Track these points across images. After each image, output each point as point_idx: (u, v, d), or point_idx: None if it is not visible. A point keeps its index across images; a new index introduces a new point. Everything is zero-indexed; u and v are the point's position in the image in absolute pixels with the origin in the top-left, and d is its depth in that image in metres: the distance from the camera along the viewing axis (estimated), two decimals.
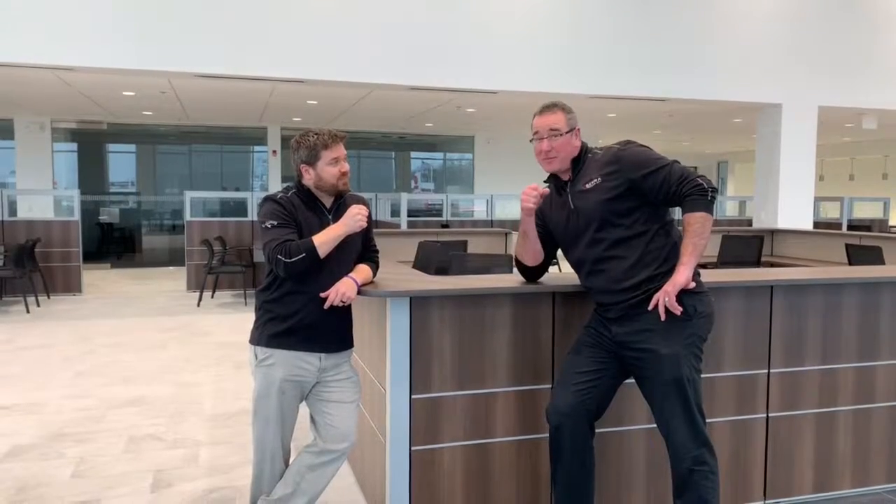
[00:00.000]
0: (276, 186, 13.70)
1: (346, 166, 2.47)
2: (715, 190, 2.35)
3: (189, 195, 10.32)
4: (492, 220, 12.90)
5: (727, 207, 15.99)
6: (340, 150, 2.47)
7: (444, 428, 2.68)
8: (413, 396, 2.63)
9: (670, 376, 2.35)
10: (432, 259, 5.67)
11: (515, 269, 2.79)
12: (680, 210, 2.38)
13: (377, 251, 2.70)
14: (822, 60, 9.06)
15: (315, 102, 10.78)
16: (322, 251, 2.36)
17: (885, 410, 3.23)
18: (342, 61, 7.48)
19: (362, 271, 2.55)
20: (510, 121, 13.18)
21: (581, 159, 2.50)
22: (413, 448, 2.65)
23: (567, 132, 2.46)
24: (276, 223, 2.39)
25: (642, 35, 8.41)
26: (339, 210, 2.51)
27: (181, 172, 15.88)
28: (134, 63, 6.94)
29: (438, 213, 13.43)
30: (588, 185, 2.44)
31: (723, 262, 7.37)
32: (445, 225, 11.80)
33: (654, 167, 2.37)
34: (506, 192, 13.62)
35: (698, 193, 2.32)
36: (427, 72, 7.80)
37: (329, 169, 2.45)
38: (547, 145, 2.46)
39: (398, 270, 3.18)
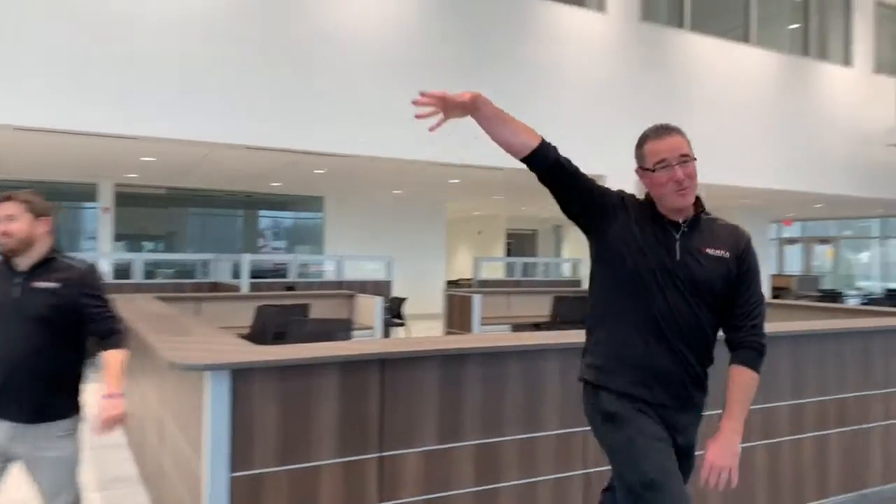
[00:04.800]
0: (107, 245, 12.75)
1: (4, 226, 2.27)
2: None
3: None
4: (341, 281, 12.80)
5: (563, 269, 17.01)
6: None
7: None
8: (233, 474, 2.50)
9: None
10: (270, 324, 5.51)
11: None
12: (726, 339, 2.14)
13: (115, 317, 2.43)
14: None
15: (152, 159, 10.27)
16: None
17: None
18: (176, 118, 7.20)
19: (113, 373, 2.32)
20: (361, 182, 13.30)
21: (698, 210, 2.12)
22: None
23: (694, 159, 2.06)
24: None
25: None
26: (37, 274, 2.30)
27: None
28: None
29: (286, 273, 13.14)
30: (715, 252, 2.07)
31: (559, 321, 7.84)
32: (291, 287, 11.51)
33: (754, 280, 2.11)
34: (356, 252, 13.61)
35: (759, 349, 2.09)
36: (266, 132, 7.67)
37: None
38: (681, 173, 2.01)
39: (219, 339, 3.05)
